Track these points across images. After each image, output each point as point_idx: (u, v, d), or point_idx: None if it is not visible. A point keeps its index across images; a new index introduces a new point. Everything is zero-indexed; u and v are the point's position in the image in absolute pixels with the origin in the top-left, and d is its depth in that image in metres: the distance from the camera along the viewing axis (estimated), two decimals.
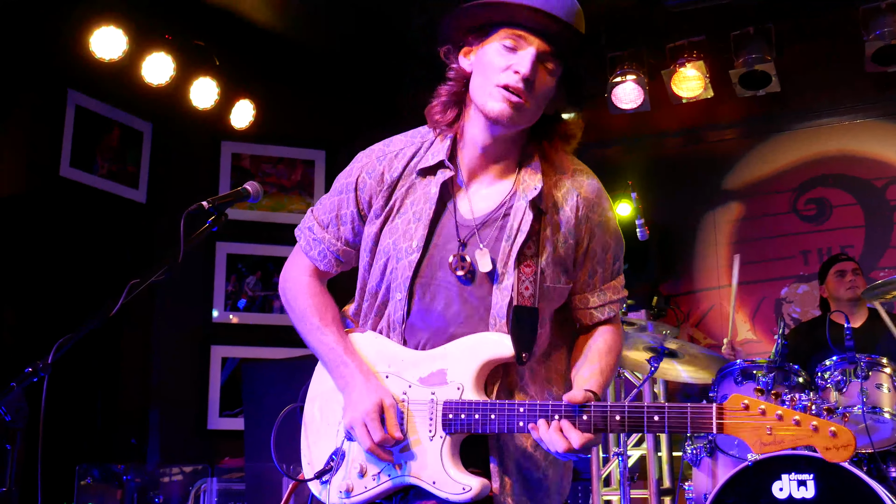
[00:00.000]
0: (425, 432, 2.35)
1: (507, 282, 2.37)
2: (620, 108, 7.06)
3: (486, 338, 2.37)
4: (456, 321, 2.41)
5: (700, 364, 5.43)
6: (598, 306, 2.54)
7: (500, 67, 2.32)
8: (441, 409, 2.33)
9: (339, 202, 2.58)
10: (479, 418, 2.29)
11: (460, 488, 2.29)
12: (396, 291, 2.44)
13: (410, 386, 2.39)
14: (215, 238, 7.08)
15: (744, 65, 6.73)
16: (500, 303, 2.38)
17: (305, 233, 2.64)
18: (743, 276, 7.09)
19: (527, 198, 2.40)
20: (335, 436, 2.48)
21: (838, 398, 4.72)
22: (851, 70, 6.73)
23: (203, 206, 2.58)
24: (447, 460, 2.32)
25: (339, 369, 2.45)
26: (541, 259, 2.40)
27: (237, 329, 7.15)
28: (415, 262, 2.41)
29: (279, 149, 7.48)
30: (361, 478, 2.41)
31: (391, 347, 2.46)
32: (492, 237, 2.41)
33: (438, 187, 2.44)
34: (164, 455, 6.68)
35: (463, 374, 2.35)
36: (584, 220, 2.47)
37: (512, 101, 2.31)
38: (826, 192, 7.02)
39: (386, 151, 2.55)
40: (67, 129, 6.34)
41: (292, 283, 2.64)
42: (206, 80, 6.58)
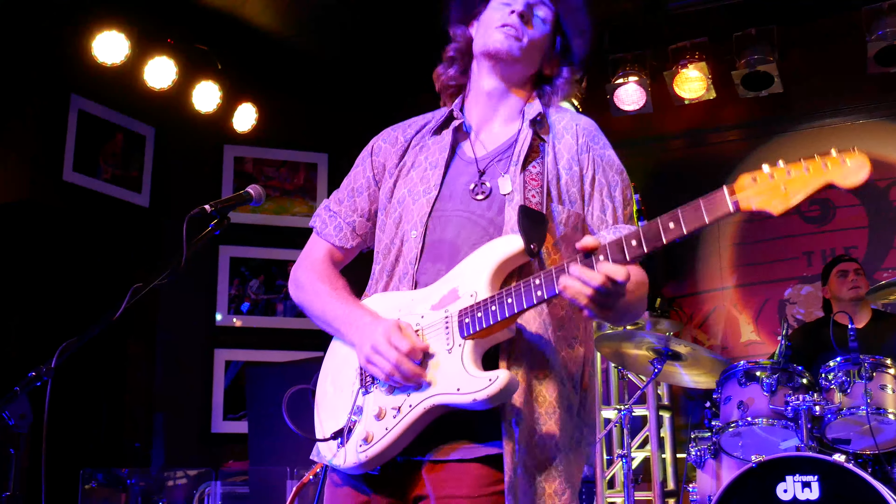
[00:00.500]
0: (443, 349, 2.28)
1: (517, 196, 2.40)
2: (623, 109, 7.06)
3: (491, 242, 2.35)
4: (468, 244, 2.39)
5: (704, 366, 5.43)
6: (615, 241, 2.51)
7: (498, 16, 2.53)
8: (456, 318, 2.28)
9: (354, 175, 2.66)
10: (496, 308, 2.21)
11: (486, 380, 2.17)
12: (412, 230, 2.45)
13: (423, 317, 2.35)
14: (218, 242, 7.09)
15: (746, 66, 6.72)
16: (513, 216, 2.37)
17: (321, 214, 2.67)
18: (746, 278, 7.10)
19: (528, 121, 2.52)
20: (350, 398, 2.42)
21: (842, 399, 4.71)
22: (854, 71, 6.73)
23: (206, 210, 2.59)
24: (469, 364, 2.23)
25: (348, 320, 2.42)
26: (546, 177, 2.45)
27: (240, 332, 7.15)
28: (433, 199, 2.47)
29: (282, 152, 7.50)
30: (379, 420, 2.31)
31: (398, 295, 2.45)
32: (502, 164, 2.49)
33: (451, 134, 2.56)
34: (168, 459, 6.69)
35: (475, 283, 2.30)
36: (584, 147, 2.53)
37: (510, 33, 2.49)
38: (829, 194, 6.95)
39: (400, 124, 2.70)
40: (70, 133, 6.36)
41: (304, 265, 2.63)
42: (208, 84, 6.59)
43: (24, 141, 6.21)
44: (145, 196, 6.88)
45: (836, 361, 4.84)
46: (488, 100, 2.58)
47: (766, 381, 4.89)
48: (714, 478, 5.17)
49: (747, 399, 4.95)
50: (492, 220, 2.41)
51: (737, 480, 4.48)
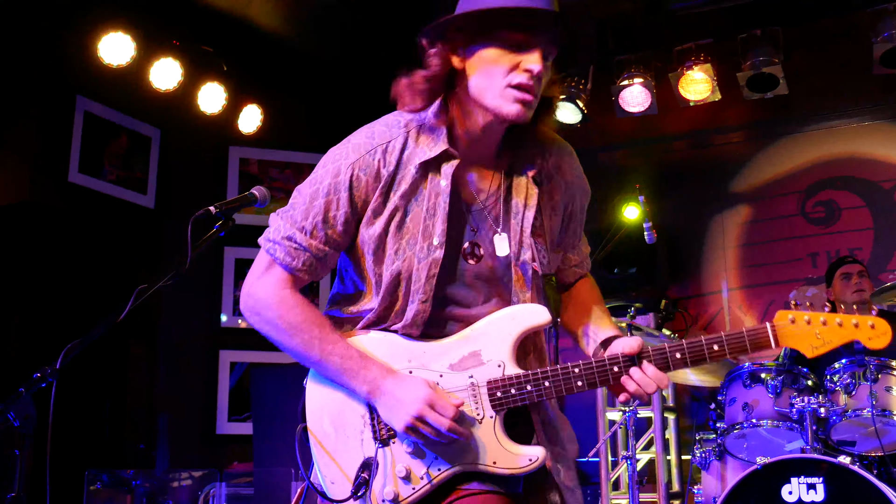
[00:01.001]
0: (471, 416, 2.31)
1: (525, 255, 2.41)
2: (628, 111, 7.06)
3: (519, 309, 2.38)
4: (476, 304, 2.41)
5: (708, 367, 5.42)
6: (579, 263, 2.68)
7: (507, 67, 2.29)
8: (486, 389, 2.31)
9: (325, 205, 2.41)
10: (533, 388, 2.30)
11: (526, 460, 2.29)
12: (419, 293, 2.35)
13: (442, 375, 2.34)
14: (223, 243, 7.09)
15: (751, 67, 6.72)
16: (524, 277, 2.41)
17: (283, 244, 2.42)
18: (751, 280, 7.09)
19: (527, 173, 2.46)
20: (360, 447, 2.37)
21: (847, 401, 4.71)
22: (859, 72, 6.72)
23: (210, 212, 2.58)
24: (502, 438, 2.30)
25: (360, 375, 2.33)
26: (546, 231, 2.46)
27: (245, 334, 7.15)
28: (440, 260, 2.35)
29: (287, 154, 7.50)
30: (407, 482, 2.31)
31: (406, 342, 2.38)
32: (502, 217, 2.43)
33: (450, 180, 2.38)
34: (172, 460, 6.69)
35: (500, 351, 2.34)
36: (570, 185, 2.55)
37: (526, 100, 2.30)
38: (834, 195, 7.01)
39: (374, 144, 2.42)
40: (76, 134, 6.37)
41: (269, 301, 2.43)
42: (213, 85, 6.59)
43: (29, 142, 6.22)
44: (150, 197, 6.88)
45: (841, 363, 4.83)
46: (480, 140, 2.42)
47: (771, 383, 4.89)
48: (719, 479, 5.17)
49: (752, 401, 4.94)
50: (500, 278, 2.43)
51: (742, 482, 4.47)
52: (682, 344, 2.30)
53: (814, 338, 2.32)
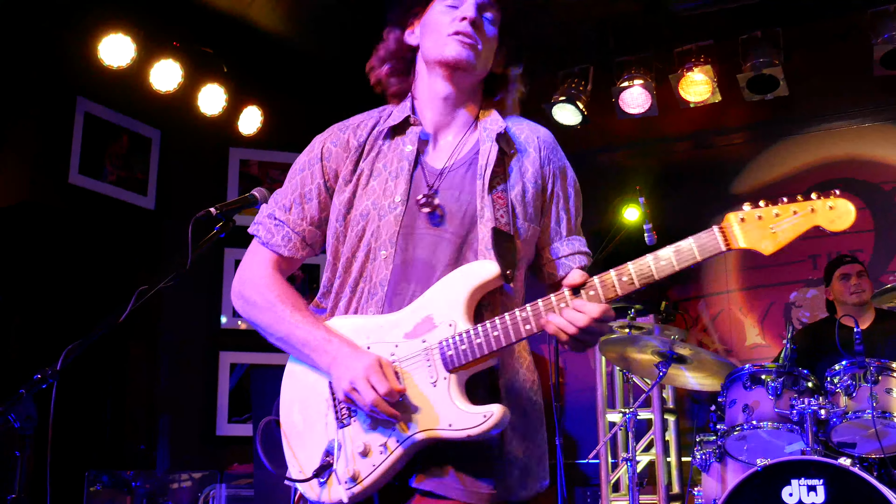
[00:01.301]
0: (426, 381, 2.26)
1: (486, 213, 2.39)
2: (628, 112, 7.06)
3: (465, 267, 2.33)
4: (441, 265, 2.37)
5: (709, 369, 5.42)
6: (569, 254, 2.55)
7: (447, 21, 2.47)
8: (438, 350, 2.26)
9: (301, 180, 2.53)
10: (482, 341, 2.23)
11: (480, 417, 2.19)
12: (381, 250, 2.38)
13: (397, 346, 2.31)
14: (223, 244, 7.09)
15: (752, 69, 6.72)
16: (484, 233, 2.38)
17: (265, 222, 2.53)
18: (752, 281, 7.09)
19: (492, 136, 2.48)
20: (324, 431, 2.37)
21: (848, 403, 4.70)
22: (860, 74, 6.72)
23: (211, 213, 2.59)
24: (458, 398, 2.23)
25: (321, 346, 2.34)
26: (511, 194, 2.43)
27: (246, 335, 7.14)
28: (400, 216, 2.39)
29: (287, 155, 7.49)
30: (365, 457, 2.28)
31: (365, 320, 2.38)
32: (466, 179, 2.44)
33: (415, 144, 2.49)
34: (173, 461, 6.69)
35: (451, 310, 2.28)
36: (546, 161, 2.54)
37: (466, 42, 2.44)
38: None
39: (346, 124, 2.61)
40: (76, 136, 6.37)
41: (252, 281, 2.50)
42: (213, 86, 6.60)
43: (29, 143, 6.22)
44: (150, 198, 6.89)
45: (841, 365, 4.82)
46: (443, 105, 2.53)
47: (772, 385, 4.88)
48: (719, 481, 5.16)
49: (752, 402, 4.94)
50: (464, 237, 2.39)
51: (742, 484, 4.47)
52: (628, 266, 2.20)
53: (768, 233, 2.15)
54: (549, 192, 2.53)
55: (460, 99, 2.54)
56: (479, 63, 2.48)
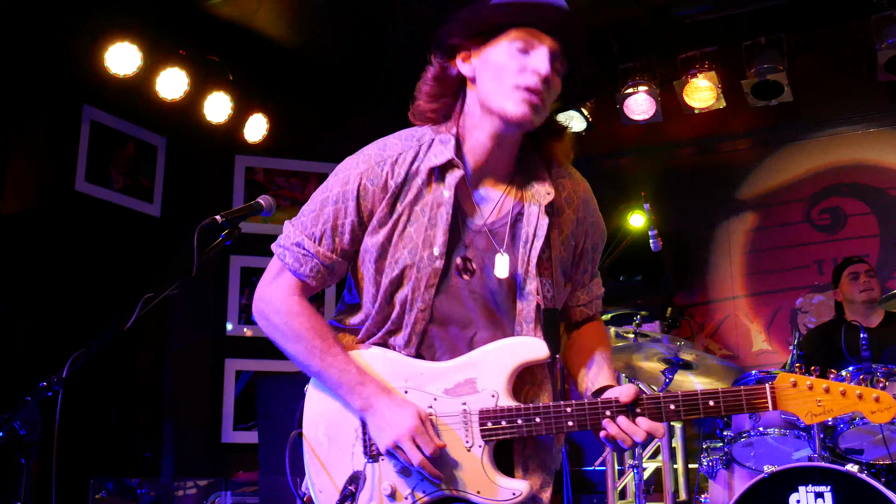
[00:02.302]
0: (461, 443, 2.31)
1: (529, 286, 2.38)
2: (633, 119, 7.06)
3: (518, 341, 2.37)
4: (477, 327, 2.39)
5: (715, 375, 5.41)
6: (588, 303, 2.62)
7: (515, 69, 2.28)
8: (477, 418, 2.31)
9: (334, 212, 2.42)
10: (523, 423, 2.29)
11: (510, 493, 2.29)
12: (417, 301, 2.36)
13: (436, 399, 2.35)
14: (229, 252, 7.10)
15: (756, 75, 6.72)
16: (527, 308, 2.38)
17: (293, 249, 2.46)
18: (758, 287, 7.08)
19: (540, 203, 2.40)
20: (350, 459, 2.39)
21: None
22: (864, 79, 6.71)
23: (216, 221, 2.58)
24: (489, 468, 2.30)
25: (355, 390, 2.34)
26: (553, 265, 2.43)
27: (251, 342, 7.16)
28: (440, 270, 2.36)
29: (292, 162, 7.51)
30: (393, 500, 2.33)
31: (405, 361, 2.39)
32: (507, 242, 2.40)
33: (453, 191, 2.37)
34: (178, 468, 6.69)
35: (495, 381, 2.33)
36: (581, 221, 2.51)
37: (532, 102, 2.27)
38: (840, 202, 7.00)
39: (384, 156, 2.43)
40: (82, 143, 6.39)
41: (277, 305, 2.47)
42: (219, 94, 6.61)
43: (36, 151, 6.24)
44: (156, 206, 6.90)
45: (848, 370, 4.81)
46: (488, 152, 2.40)
47: None
48: (726, 488, 5.15)
49: None
50: (502, 304, 2.41)
51: (749, 491, 4.45)
52: (678, 395, 2.28)
53: (814, 405, 2.26)
54: (581, 248, 2.54)
55: (504, 152, 2.43)
56: (539, 120, 2.34)
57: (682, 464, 6.65)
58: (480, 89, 2.35)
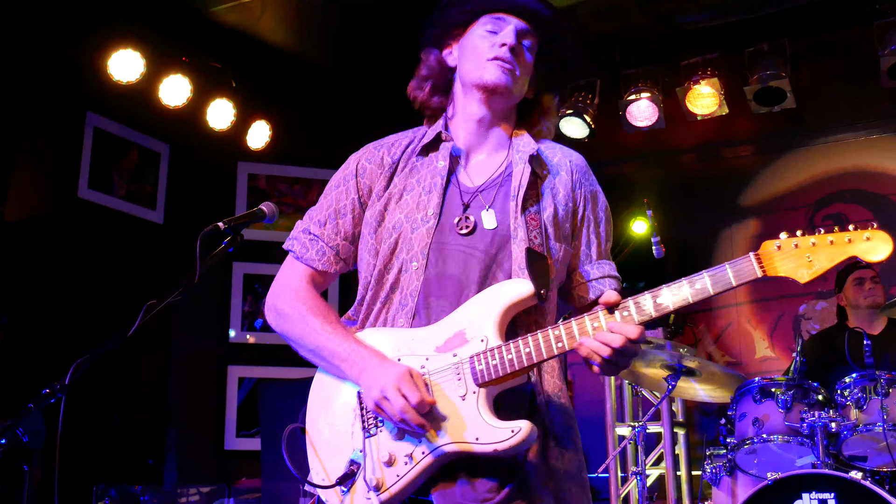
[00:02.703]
0: (455, 394, 2.27)
1: (520, 234, 2.41)
2: (635, 125, 7.05)
3: (500, 285, 2.35)
4: (472, 282, 2.39)
5: (718, 382, 5.40)
6: (599, 278, 2.57)
7: (487, 45, 2.53)
8: (468, 364, 2.27)
9: (336, 196, 2.60)
10: (513, 356, 2.24)
11: (508, 432, 2.19)
12: (412, 261, 2.42)
13: (427, 358, 2.33)
14: (232, 258, 7.11)
15: (758, 81, 6.71)
16: (520, 256, 2.39)
17: (300, 237, 2.60)
18: (761, 294, 7.07)
19: (524, 158, 2.52)
20: (350, 440, 2.39)
21: (858, 416, 4.68)
22: (867, 86, 6.71)
23: (219, 227, 2.59)
24: (485, 413, 2.23)
25: (351, 358, 2.37)
26: (543, 215, 2.46)
27: (254, 349, 7.16)
28: (433, 229, 2.43)
29: (295, 169, 7.52)
30: (390, 466, 2.29)
31: (396, 333, 2.41)
32: (498, 198, 2.48)
33: (447, 160, 2.54)
34: (181, 475, 6.69)
35: (483, 327, 2.30)
36: (577, 185, 2.58)
37: (505, 67, 2.50)
38: (843, 208, 6.99)
39: (381, 142, 2.66)
40: (86, 150, 6.40)
41: (285, 294, 2.56)
42: (222, 101, 6.63)
43: (40, 158, 6.25)
44: (160, 212, 6.91)
45: (851, 378, 4.81)
46: (477, 127, 2.59)
47: (782, 398, 4.86)
48: (729, 495, 5.14)
49: (762, 416, 4.92)
50: (494, 256, 2.42)
51: (752, 498, 4.45)
52: (663, 289, 2.22)
53: (804, 262, 2.15)
54: (580, 216, 2.56)
55: (494, 121, 2.60)
56: (515, 88, 2.54)
57: (685, 471, 6.63)
58: (460, 70, 2.61)
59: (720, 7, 6.46)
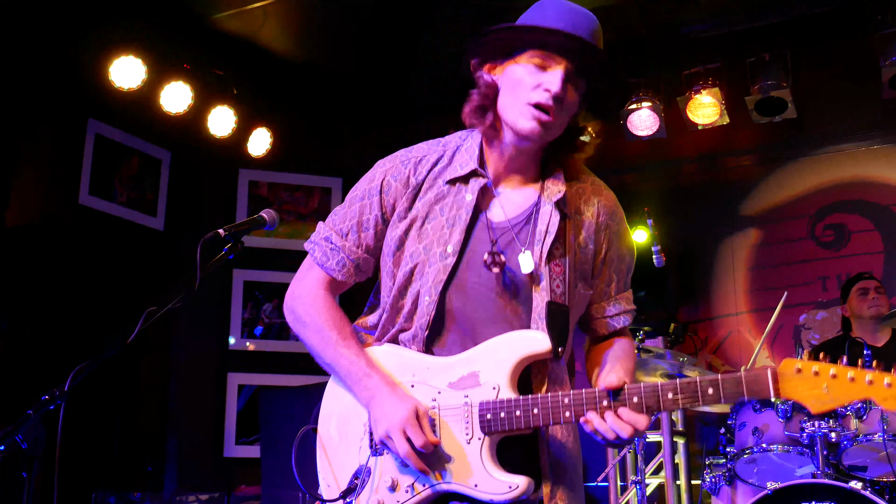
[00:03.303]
0: (461, 436, 2.31)
1: (543, 282, 2.41)
2: (636, 134, 7.05)
3: (519, 335, 2.36)
4: (488, 323, 2.41)
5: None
6: (614, 315, 2.61)
7: (530, 85, 2.39)
8: (477, 411, 2.31)
9: (360, 208, 2.57)
10: (521, 414, 2.27)
11: (506, 486, 2.25)
12: (426, 295, 2.43)
13: (440, 392, 2.37)
14: (232, 265, 7.11)
15: (760, 91, 6.71)
16: (541, 304, 2.40)
17: (321, 244, 2.60)
18: (761, 303, 7.06)
19: (552, 201, 2.47)
20: (357, 453, 2.44)
21: (858, 426, 4.68)
22: (868, 96, 6.72)
23: (219, 234, 2.60)
24: (487, 461, 2.28)
25: (362, 381, 2.41)
26: (567, 261, 2.45)
27: (254, 356, 7.16)
28: (450, 266, 2.42)
29: (296, 176, 7.53)
30: (393, 492, 2.36)
31: (413, 356, 2.44)
32: (522, 240, 2.46)
33: (475, 194, 2.47)
34: (180, 482, 6.67)
35: (497, 374, 2.32)
36: (603, 226, 2.55)
37: (542, 119, 2.38)
38: (844, 218, 6.99)
39: (409, 156, 2.58)
40: (87, 157, 6.41)
41: (305, 297, 2.58)
42: (223, 108, 6.63)
43: (41, 164, 6.26)
44: (160, 219, 6.91)
45: None
46: (510, 161, 2.52)
47: (782, 408, 4.86)
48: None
49: (762, 425, 4.92)
50: (510, 301, 2.43)
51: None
52: (676, 383, 2.19)
53: (820, 392, 2.07)
54: (603, 256, 2.56)
55: (523, 160, 2.52)
56: (549, 135, 2.44)
57: (684, 480, 6.61)
58: (501, 101, 2.46)
59: (722, 17, 6.47)
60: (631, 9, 6.24)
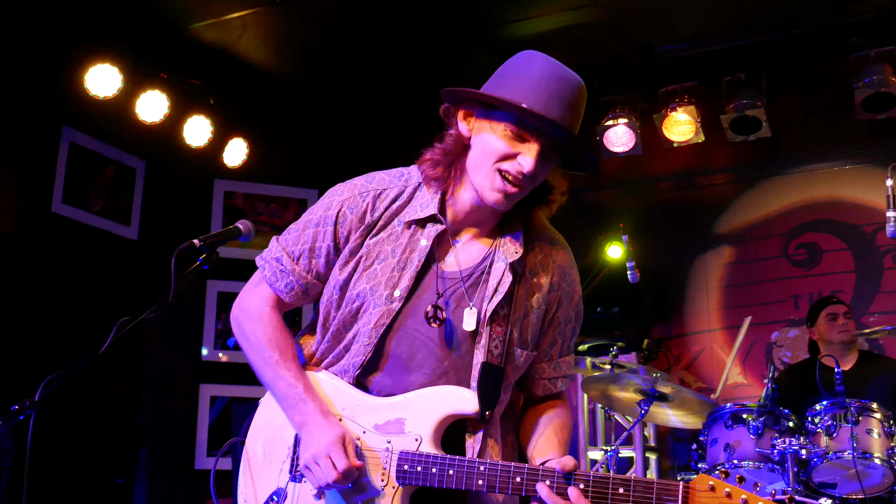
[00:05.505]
0: (377, 480, 2.32)
1: (483, 341, 2.39)
2: (612, 150, 7.10)
3: (449, 391, 2.36)
4: (421, 372, 2.40)
5: (690, 408, 5.42)
6: (553, 378, 2.58)
7: (502, 153, 2.32)
8: (396, 459, 2.31)
9: (314, 235, 2.52)
10: (437, 472, 2.26)
11: None
12: (364, 336, 2.41)
13: (365, 432, 2.38)
14: (206, 276, 7.06)
15: (735, 110, 6.79)
16: (476, 364, 2.39)
17: (272, 263, 2.58)
18: (734, 320, 7.10)
19: (507, 260, 2.42)
20: (277, 475, 2.46)
21: (829, 443, 4.71)
22: (842, 117, 6.79)
23: (194, 245, 2.59)
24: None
25: (297, 406, 2.41)
26: (511, 321, 2.41)
27: (226, 368, 7.11)
28: (395, 311, 2.40)
29: (272, 188, 7.50)
30: None
31: (346, 390, 2.44)
32: (469, 295, 2.42)
33: (430, 241, 2.42)
34: (151, 495, 6.61)
35: (422, 426, 2.33)
36: (555, 287, 2.51)
37: (508, 191, 2.33)
38: (816, 237, 7.05)
39: (369, 188, 2.51)
40: (61, 165, 6.35)
41: (251, 313, 2.58)
42: (199, 118, 6.60)
43: (14, 172, 6.19)
44: (134, 229, 6.86)
45: (822, 405, 4.83)
46: (469, 213, 2.47)
47: (753, 424, 4.88)
48: None
49: (734, 441, 4.94)
50: (449, 354, 2.41)
51: None
52: (589, 476, 2.17)
53: None
54: (551, 316, 2.52)
55: (489, 211, 2.46)
56: (511, 205, 2.40)
57: None
58: (470, 158, 2.40)
59: (699, 37, 6.54)
60: (608, 27, 6.29)
